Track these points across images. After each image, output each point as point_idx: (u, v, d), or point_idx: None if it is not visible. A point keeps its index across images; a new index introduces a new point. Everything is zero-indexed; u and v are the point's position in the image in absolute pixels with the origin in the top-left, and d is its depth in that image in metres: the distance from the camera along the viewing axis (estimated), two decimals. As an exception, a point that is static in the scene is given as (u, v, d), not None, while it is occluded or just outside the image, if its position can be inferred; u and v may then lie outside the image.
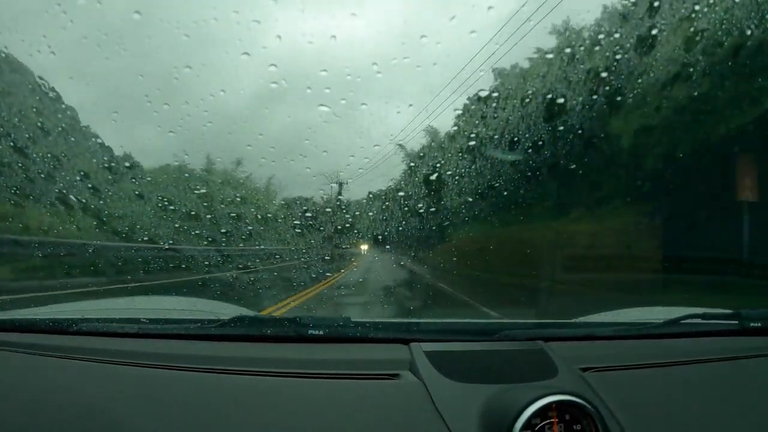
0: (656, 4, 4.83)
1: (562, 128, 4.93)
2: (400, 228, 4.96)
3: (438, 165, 5.27)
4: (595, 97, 4.96)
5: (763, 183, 5.05)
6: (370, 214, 5.25)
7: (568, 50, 5.27)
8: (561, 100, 4.98)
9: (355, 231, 5.01)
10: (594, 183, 6.77)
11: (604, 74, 4.92)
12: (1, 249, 5.05)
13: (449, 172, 4.90)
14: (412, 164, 5.83)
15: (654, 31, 4.94)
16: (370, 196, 5.99)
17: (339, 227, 4.90)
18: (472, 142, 5.02)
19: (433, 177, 4.90)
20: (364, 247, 6.02)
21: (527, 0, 5.25)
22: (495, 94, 5.08)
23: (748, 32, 4.74)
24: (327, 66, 3.44)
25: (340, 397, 0.89)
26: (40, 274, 5.01)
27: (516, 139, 4.92)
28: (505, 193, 5.60)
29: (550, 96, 5.00)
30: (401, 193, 5.12)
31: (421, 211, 4.65)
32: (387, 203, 5.26)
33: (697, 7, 4.74)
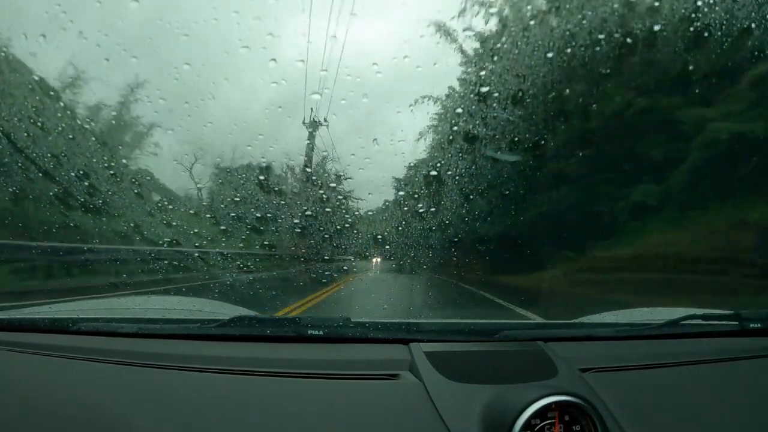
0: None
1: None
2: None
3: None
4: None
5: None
6: (370, 213, 4.32)
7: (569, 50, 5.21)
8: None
9: (357, 234, 3.60)
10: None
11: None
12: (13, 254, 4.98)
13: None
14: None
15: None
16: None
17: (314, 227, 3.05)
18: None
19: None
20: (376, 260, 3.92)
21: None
22: (495, 94, 5.03)
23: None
24: (327, 66, 3.45)
25: (340, 398, 0.89)
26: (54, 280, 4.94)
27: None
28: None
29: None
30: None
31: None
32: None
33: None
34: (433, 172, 3.70)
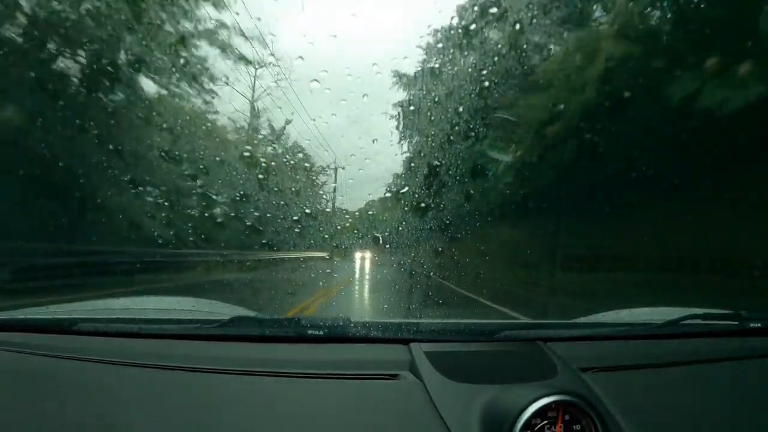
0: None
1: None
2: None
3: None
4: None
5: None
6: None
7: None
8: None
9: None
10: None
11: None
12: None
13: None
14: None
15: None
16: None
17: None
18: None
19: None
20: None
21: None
22: (496, 94, 5.02)
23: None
24: (327, 66, 3.45)
25: (340, 398, 0.89)
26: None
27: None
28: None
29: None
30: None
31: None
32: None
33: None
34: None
